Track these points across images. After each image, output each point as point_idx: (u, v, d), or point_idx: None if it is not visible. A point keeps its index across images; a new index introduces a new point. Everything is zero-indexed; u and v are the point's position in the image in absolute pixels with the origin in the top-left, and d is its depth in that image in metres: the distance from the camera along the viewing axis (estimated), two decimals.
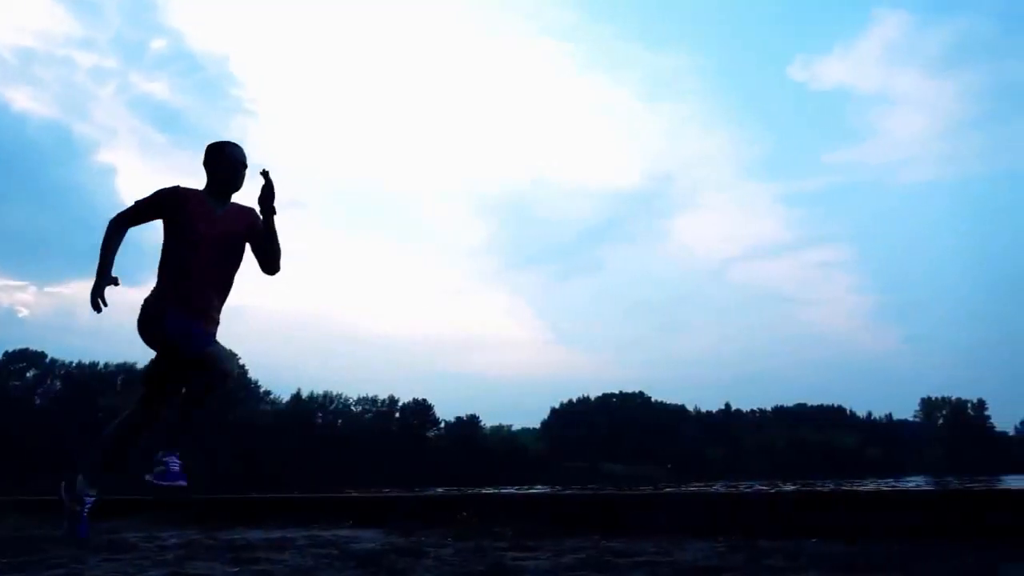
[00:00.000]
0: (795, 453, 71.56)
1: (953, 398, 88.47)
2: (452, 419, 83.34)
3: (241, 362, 68.11)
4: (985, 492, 2.37)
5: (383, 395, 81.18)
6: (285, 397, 75.84)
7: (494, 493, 3.04)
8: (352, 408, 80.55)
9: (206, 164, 3.19)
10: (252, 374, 69.33)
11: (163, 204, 3.06)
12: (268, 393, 75.53)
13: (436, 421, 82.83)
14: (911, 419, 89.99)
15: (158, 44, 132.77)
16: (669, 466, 71.55)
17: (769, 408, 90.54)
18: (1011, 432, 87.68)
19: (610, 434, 78.92)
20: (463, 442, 77.48)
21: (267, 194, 3.10)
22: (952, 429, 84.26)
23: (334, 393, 79.66)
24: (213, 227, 3.08)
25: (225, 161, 3.18)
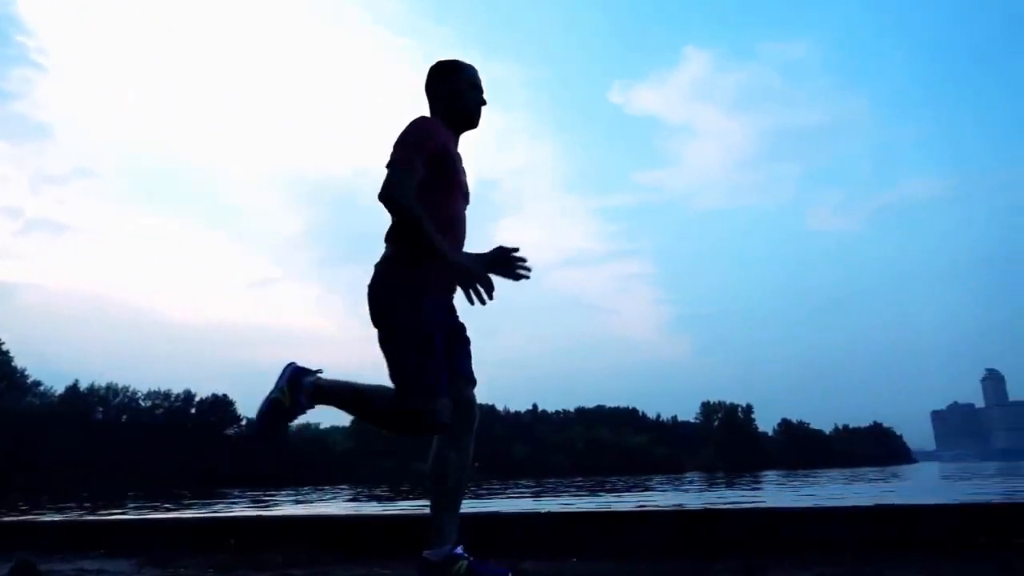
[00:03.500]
0: (592, 452, 76.37)
1: (727, 402, 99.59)
2: (255, 416, 78.84)
3: (4, 347, 59.58)
4: (722, 511, 2.67)
5: (177, 389, 75.04)
6: (59, 389, 67.58)
7: (265, 516, 2.91)
8: (140, 402, 73.47)
9: (437, 90, 2.31)
10: (18, 362, 60.98)
11: (432, 139, 2.16)
12: (38, 384, 66.79)
13: (237, 418, 78.01)
14: (692, 420, 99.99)
15: None
16: (477, 464, 72.86)
17: (572, 409, 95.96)
18: (770, 432, 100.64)
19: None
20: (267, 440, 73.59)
21: (507, 273, 2.27)
22: (725, 430, 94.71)
23: (119, 385, 72.29)
24: (464, 175, 2.30)
25: (465, 86, 2.30)
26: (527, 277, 2.27)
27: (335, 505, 12.21)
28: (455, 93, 2.29)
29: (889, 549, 2.28)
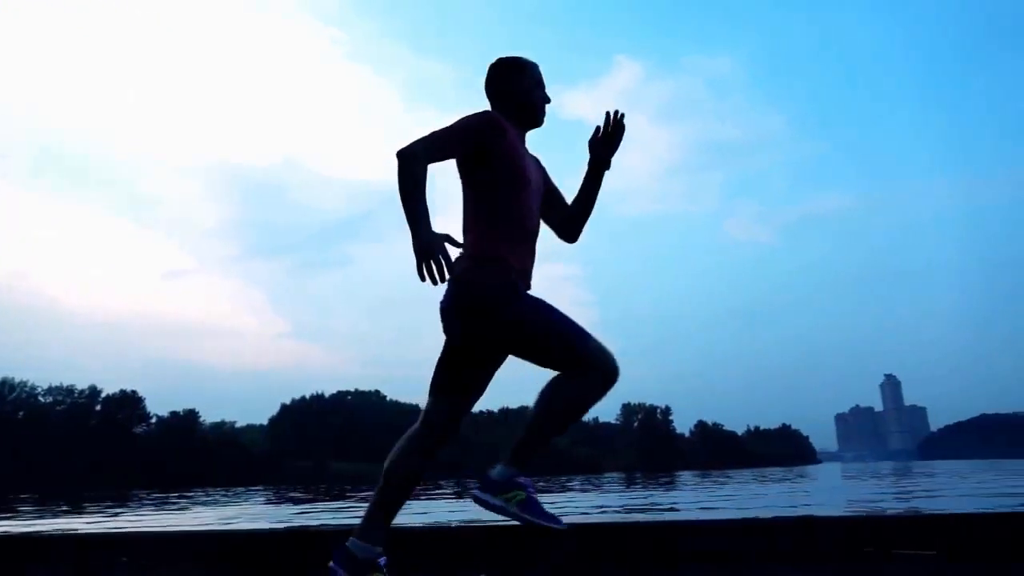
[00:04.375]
0: None
1: (647, 404, 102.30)
2: (166, 413, 75.82)
3: None
4: (628, 524, 2.72)
5: (82, 384, 71.19)
6: None
7: (163, 531, 2.78)
8: (40, 398, 69.24)
9: (501, 87, 2.27)
10: None
11: (484, 132, 2.11)
12: None
13: (146, 415, 74.64)
14: (613, 422, 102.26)
15: None
16: None
17: (496, 409, 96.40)
18: (687, 434, 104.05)
19: (343, 432, 77.60)
20: (178, 439, 70.62)
21: (614, 143, 2.36)
22: (644, 431, 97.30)
23: (16, 380, 67.90)
24: (532, 170, 2.27)
25: (531, 84, 2.28)
26: (623, 114, 2.35)
27: (247, 508, 11.83)
28: (521, 91, 2.26)
29: (784, 561, 2.38)
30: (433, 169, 2.05)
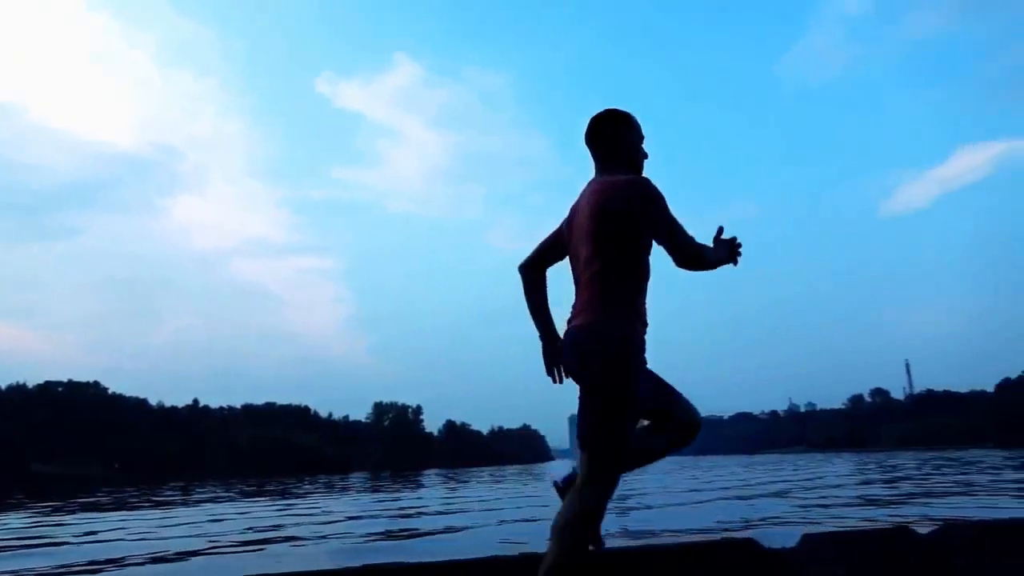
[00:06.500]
0: (257, 451, 72.54)
1: (399, 403, 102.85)
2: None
3: None
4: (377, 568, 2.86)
5: None
6: None
7: None
8: None
9: (614, 140, 2.33)
10: None
11: None
12: None
13: None
14: (364, 420, 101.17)
15: None
16: (116, 465, 64.45)
17: (239, 405, 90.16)
18: (435, 433, 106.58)
19: (50, 430, 66.99)
20: None
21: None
22: (395, 429, 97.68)
23: None
24: None
25: (639, 140, 2.38)
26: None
27: None
28: (633, 146, 2.36)
29: None
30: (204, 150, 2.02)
